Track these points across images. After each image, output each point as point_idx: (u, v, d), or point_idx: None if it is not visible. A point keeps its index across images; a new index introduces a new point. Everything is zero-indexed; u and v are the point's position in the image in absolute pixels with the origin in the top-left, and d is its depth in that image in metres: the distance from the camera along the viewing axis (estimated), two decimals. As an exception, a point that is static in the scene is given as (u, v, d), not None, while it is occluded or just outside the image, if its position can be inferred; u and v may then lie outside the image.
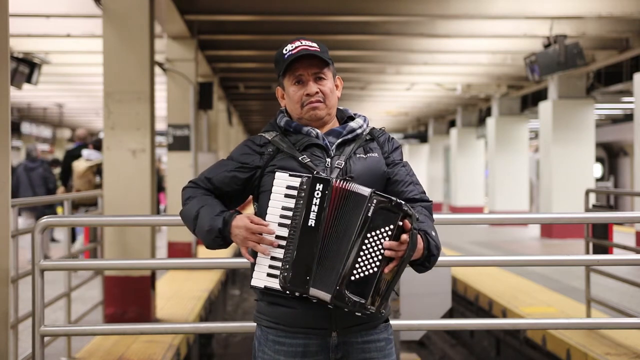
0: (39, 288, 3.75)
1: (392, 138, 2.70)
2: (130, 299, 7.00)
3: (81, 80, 17.60)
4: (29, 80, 12.73)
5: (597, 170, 23.84)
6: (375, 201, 2.37)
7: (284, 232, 2.45)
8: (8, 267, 4.01)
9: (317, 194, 2.40)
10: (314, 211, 2.41)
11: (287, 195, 2.46)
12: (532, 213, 18.56)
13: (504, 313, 7.96)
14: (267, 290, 2.47)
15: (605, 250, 6.50)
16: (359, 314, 2.40)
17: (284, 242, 2.44)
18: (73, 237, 11.68)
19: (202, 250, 12.45)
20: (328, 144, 2.59)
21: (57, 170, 15.80)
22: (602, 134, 22.16)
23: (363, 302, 2.36)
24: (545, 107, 15.57)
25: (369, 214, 2.37)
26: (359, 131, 2.64)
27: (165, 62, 11.59)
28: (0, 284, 3.98)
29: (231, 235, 2.49)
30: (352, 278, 2.37)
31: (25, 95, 19.31)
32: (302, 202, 2.42)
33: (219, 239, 2.50)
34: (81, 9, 9.88)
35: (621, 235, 10.80)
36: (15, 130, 22.30)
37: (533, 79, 12.10)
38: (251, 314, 12.52)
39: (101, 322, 6.84)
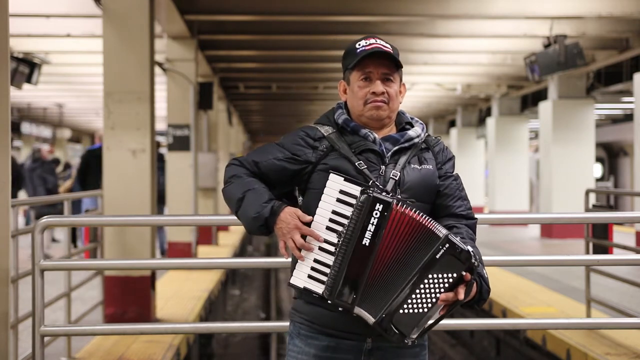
0: (39, 288, 3.75)
1: (447, 148, 2.66)
2: (130, 299, 7.00)
3: (81, 80, 17.60)
4: (29, 80, 12.73)
5: (597, 170, 23.84)
6: (447, 246, 2.33)
7: (333, 237, 2.40)
8: (8, 267, 4.01)
9: (376, 214, 2.35)
10: (369, 230, 2.36)
11: (339, 200, 2.41)
12: (532, 213, 18.56)
13: (504, 313, 7.96)
14: (306, 291, 2.44)
15: (605, 250, 6.50)
16: (395, 342, 2.40)
17: (332, 248, 2.40)
18: (74, 237, 11.70)
19: (202, 250, 12.44)
20: (384, 150, 2.54)
21: (58, 170, 15.81)
22: (602, 134, 22.17)
23: (403, 334, 2.36)
24: (545, 107, 15.58)
25: (437, 257, 2.33)
26: (416, 140, 2.58)
27: (165, 62, 11.59)
28: (0, 284, 3.98)
29: (275, 226, 2.45)
30: (401, 311, 2.35)
31: (25, 95, 19.30)
32: (358, 217, 2.36)
33: (263, 227, 2.47)
34: (81, 9, 9.88)
35: (621, 235, 10.80)
36: (15, 130, 22.29)
37: (533, 79, 12.10)
38: (251, 313, 12.52)
39: (101, 322, 6.84)
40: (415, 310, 2.35)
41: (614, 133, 23.22)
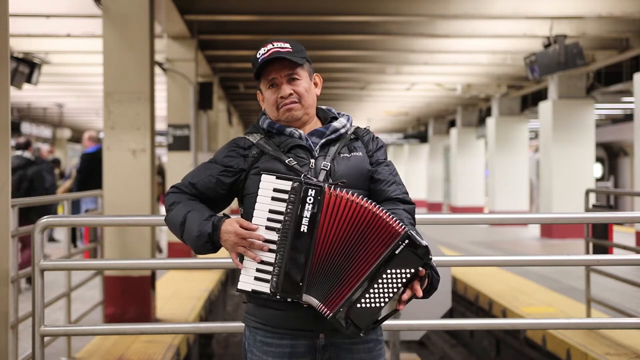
0: (39, 288, 3.75)
1: (377, 137, 2.70)
2: (130, 299, 7.00)
3: (81, 80, 17.60)
4: (29, 80, 12.73)
5: (597, 170, 23.83)
6: (407, 242, 2.36)
7: (273, 235, 2.42)
8: (8, 267, 4.01)
9: (310, 199, 2.38)
10: (306, 217, 2.38)
11: (274, 199, 2.43)
12: (532, 213, 18.56)
13: (504, 313, 7.96)
14: (255, 293, 2.46)
15: (605, 250, 6.50)
16: (348, 335, 2.41)
17: (273, 246, 2.42)
18: (74, 237, 11.69)
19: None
20: (312, 144, 2.59)
21: (56, 171, 15.79)
22: (602, 134, 22.16)
23: (359, 329, 2.37)
24: (545, 107, 15.58)
25: (396, 252, 2.36)
26: (342, 131, 2.63)
27: (165, 62, 11.58)
28: (0, 284, 3.97)
29: (220, 240, 2.47)
30: (358, 305, 2.36)
31: (25, 95, 19.30)
32: (293, 206, 2.39)
33: (209, 244, 2.49)
34: (81, 9, 9.88)
35: (621, 235, 10.80)
36: (15, 130, 22.28)
37: (533, 79, 12.10)
38: (251, 314, 12.29)
39: (101, 322, 6.84)
40: (373, 305, 2.37)
41: (614, 133, 23.21)
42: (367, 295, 2.36)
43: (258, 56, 2.58)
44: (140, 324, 6.00)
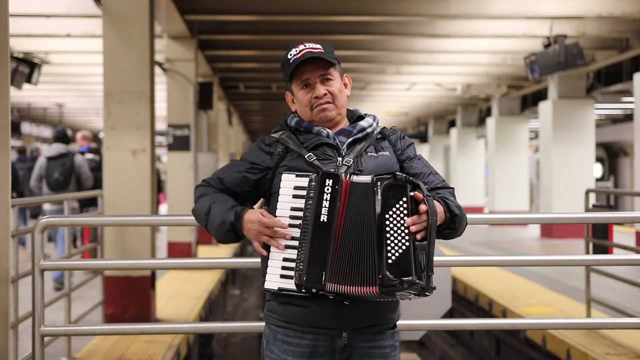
0: (39, 288, 3.75)
1: (404, 136, 2.71)
2: (130, 299, 7.00)
3: (81, 80, 17.60)
4: (29, 80, 12.72)
5: (597, 170, 23.83)
6: (379, 183, 2.38)
7: (296, 232, 2.45)
8: (8, 267, 4.01)
9: (328, 189, 2.41)
10: (325, 207, 2.41)
11: (295, 196, 2.47)
12: (532, 213, 18.56)
13: (504, 313, 7.96)
14: (280, 291, 2.47)
15: (605, 250, 6.50)
16: (413, 293, 2.35)
17: (295, 243, 2.44)
18: (73, 238, 11.69)
19: (202, 250, 12.45)
20: (339, 143, 2.60)
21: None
22: (602, 134, 22.16)
23: (410, 278, 2.32)
24: (545, 107, 15.57)
25: (379, 197, 2.38)
26: (369, 130, 2.65)
27: (165, 62, 11.59)
28: (0, 284, 3.97)
29: (244, 229, 2.50)
30: (389, 261, 2.34)
31: (25, 95, 19.30)
32: (312, 199, 2.42)
33: (231, 232, 2.52)
34: (81, 9, 9.88)
35: (621, 235, 10.80)
36: (15, 130, 22.27)
37: (533, 79, 12.10)
38: (251, 313, 12.50)
39: (101, 322, 6.84)
40: (400, 251, 2.35)
41: (614, 133, 23.21)
42: (389, 248, 2.35)
43: (289, 57, 2.60)
44: (140, 324, 6.00)
